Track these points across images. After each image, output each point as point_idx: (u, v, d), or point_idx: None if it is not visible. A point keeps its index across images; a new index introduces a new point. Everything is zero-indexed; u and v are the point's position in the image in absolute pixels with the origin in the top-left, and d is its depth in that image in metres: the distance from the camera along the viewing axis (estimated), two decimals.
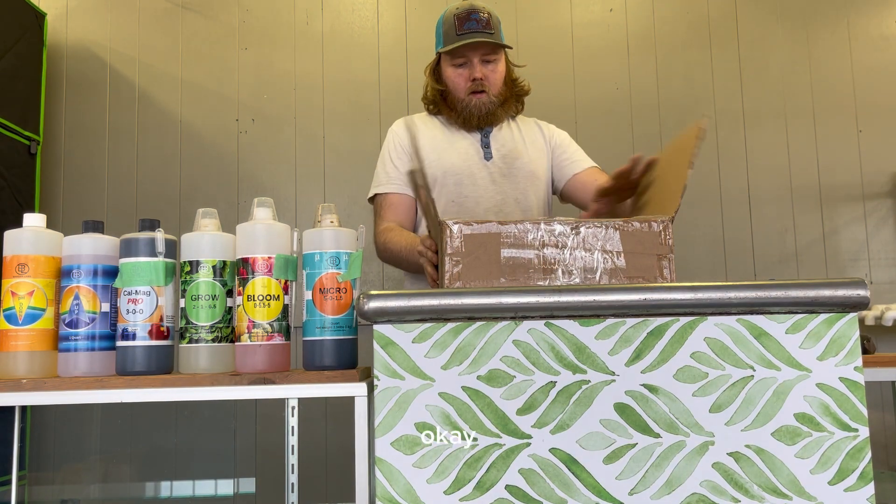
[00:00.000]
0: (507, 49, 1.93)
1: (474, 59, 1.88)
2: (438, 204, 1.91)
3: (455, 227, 1.14)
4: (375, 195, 1.97)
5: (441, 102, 1.96)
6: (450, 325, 1.02)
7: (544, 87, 2.96)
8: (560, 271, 1.17)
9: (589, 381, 1.01)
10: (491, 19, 1.88)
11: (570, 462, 1.00)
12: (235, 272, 1.35)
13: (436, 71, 1.97)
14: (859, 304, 1.02)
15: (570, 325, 1.02)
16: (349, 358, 1.33)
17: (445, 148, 1.95)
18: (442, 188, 1.92)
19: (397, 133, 1.99)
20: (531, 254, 1.17)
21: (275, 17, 3.00)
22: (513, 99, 1.98)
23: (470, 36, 1.85)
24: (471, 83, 1.89)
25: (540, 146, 2.01)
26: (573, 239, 1.18)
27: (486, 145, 1.96)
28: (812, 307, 1.02)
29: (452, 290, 1.03)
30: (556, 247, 1.18)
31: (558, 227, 1.17)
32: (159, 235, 1.33)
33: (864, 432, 1.00)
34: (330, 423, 2.74)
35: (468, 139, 1.96)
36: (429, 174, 1.92)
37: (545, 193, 2.00)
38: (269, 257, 1.32)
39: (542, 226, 1.17)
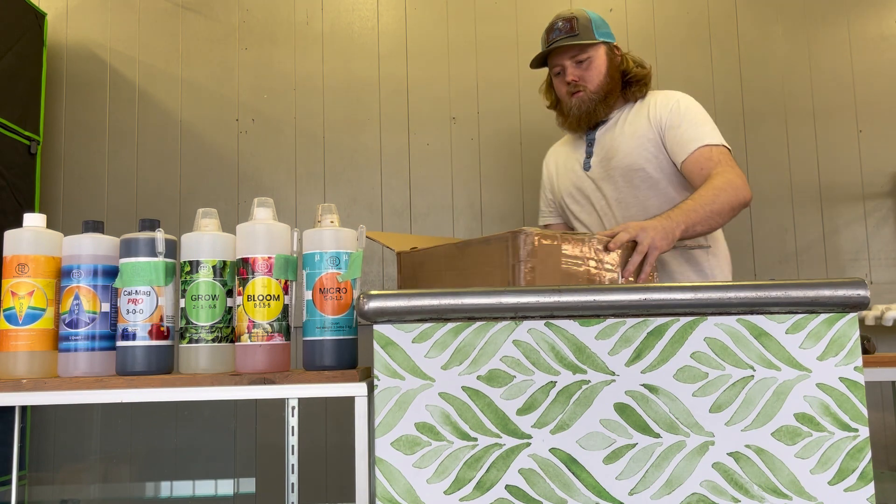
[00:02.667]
0: (605, 42, 1.94)
1: (566, 64, 1.93)
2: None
3: (531, 232, 1.30)
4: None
5: (560, 115, 2.02)
6: (450, 325, 1.02)
7: None
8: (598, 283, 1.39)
9: (589, 381, 1.01)
10: (576, 22, 1.91)
11: (570, 462, 1.00)
12: (235, 272, 1.35)
13: (551, 89, 2.05)
14: (859, 304, 1.02)
15: (570, 325, 1.02)
16: (349, 358, 1.33)
17: (560, 174, 2.07)
18: (564, 211, 2.06)
19: (544, 164, 2.17)
20: (582, 266, 1.37)
21: (275, 17, 3.00)
22: (617, 90, 1.96)
23: (552, 45, 1.92)
24: (566, 86, 1.94)
25: (641, 132, 1.92)
26: (608, 255, 1.41)
27: (589, 154, 1.99)
28: (812, 307, 1.02)
29: (452, 290, 1.03)
30: (597, 261, 1.40)
31: (596, 244, 1.39)
32: (159, 235, 1.33)
33: (864, 432, 1.00)
34: (330, 423, 2.74)
35: (577, 151, 2.03)
36: (556, 201, 2.10)
37: (652, 182, 1.91)
38: (269, 257, 1.32)
39: (587, 240, 1.38)
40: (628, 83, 1.97)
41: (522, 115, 2.95)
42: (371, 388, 1.25)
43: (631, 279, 1.49)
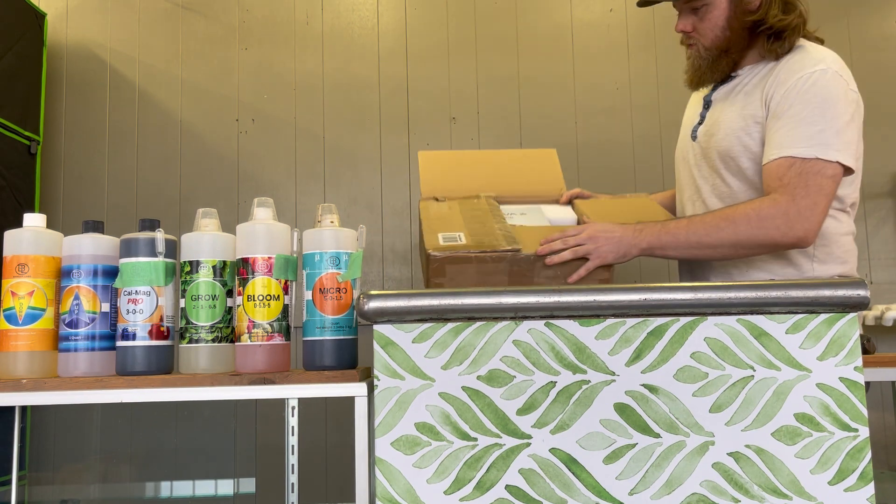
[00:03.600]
0: None
1: (681, 8, 1.56)
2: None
3: (436, 255, 1.32)
4: None
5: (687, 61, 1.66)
6: (450, 325, 1.02)
7: (544, 88, 2.97)
8: None
9: (589, 381, 1.01)
10: None
11: (570, 462, 1.00)
12: (235, 272, 1.35)
13: None
14: (859, 304, 1.02)
15: (570, 325, 1.02)
16: (349, 358, 1.33)
17: (682, 130, 1.72)
18: (677, 177, 1.72)
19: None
20: (503, 278, 1.33)
21: (275, 17, 3.00)
22: (739, 47, 1.54)
23: None
24: (681, 35, 1.59)
25: (752, 109, 1.50)
26: (539, 263, 1.35)
27: (701, 119, 1.61)
28: (812, 307, 1.02)
29: (452, 290, 1.03)
30: (523, 275, 1.34)
31: (523, 254, 1.34)
32: (159, 235, 1.33)
33: (864, 432, 1.00)
34: (330, 423, 2.74)
35: (698, 111, 1.65)
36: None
37: (744, 177, 1.52)
38: (269, 257, 1.32)
39: (509, 255, 1.33)
40: (765, 34, 1.51)
41: (522, 115, 2.95)
42: (371, 388, 1.25)
43: (554, 268, 1.36)
